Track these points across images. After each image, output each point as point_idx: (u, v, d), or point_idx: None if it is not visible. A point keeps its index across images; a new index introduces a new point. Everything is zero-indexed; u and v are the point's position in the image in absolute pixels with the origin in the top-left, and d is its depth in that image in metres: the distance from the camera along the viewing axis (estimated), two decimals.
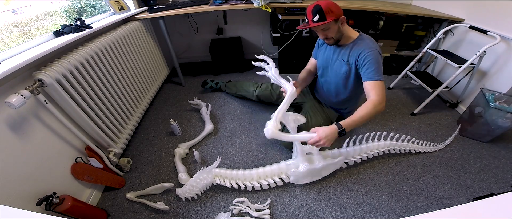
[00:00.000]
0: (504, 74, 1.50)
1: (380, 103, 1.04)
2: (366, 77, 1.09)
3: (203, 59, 2.62)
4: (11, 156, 0.83)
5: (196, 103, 1.78)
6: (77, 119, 1.08)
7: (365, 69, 1.09)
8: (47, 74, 0.90)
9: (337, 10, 1.07)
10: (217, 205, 1.17)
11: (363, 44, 1.12)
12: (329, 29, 1.10)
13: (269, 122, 1.05)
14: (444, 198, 1.18)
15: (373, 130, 1.41)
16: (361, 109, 1.04)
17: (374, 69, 1.07)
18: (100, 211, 1.12)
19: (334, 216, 1.10)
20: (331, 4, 1.06)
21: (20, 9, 1.27)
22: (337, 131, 1.01)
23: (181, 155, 1.40)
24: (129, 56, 1.52)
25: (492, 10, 1.57)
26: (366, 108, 1.04)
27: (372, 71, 1.07)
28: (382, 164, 1.35)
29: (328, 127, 1.01)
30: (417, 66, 2.21)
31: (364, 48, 1.10)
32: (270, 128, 1.02)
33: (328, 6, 1.05)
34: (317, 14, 1.06)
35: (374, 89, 1.06)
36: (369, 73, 1.08)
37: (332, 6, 1.06)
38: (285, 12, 1.92)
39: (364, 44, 1.12)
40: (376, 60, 1.07)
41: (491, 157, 1.40)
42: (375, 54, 1.07)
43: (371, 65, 1.07)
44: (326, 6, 1.04)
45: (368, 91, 1.08)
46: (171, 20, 2.24)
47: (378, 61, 1.08)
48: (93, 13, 1.68)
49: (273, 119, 1.06)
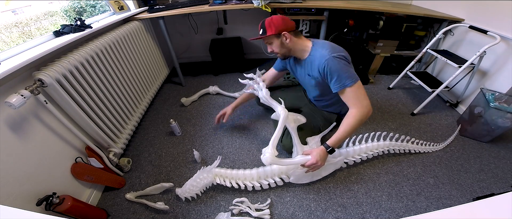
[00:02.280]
0: (504, 74, 1.50)
1: (361, 113, 1.01)
2: (333, 88, 1.06)
3: (203, 59, 2.62)
4: (11, 156, 0.83)
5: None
6: (77, 119, 1.08)
7: (330, 81, 1.06)
8: (47, 74, 0.90)
9: (280, 24, 1.07)
10: (217, 205, 1.16)
11: (317, 55, 1.08)
12: (272, 44, 1.13)
13: (266, 150, 1.03)
14: (444, 198, 1.17)
15: (373, 130, 1.41)
16: (343, 123, 1.05)
17: (336, 78, 1.02)
18: (100, 211, 1.12)
19: (334, 216, 1.10)
20: (276, 19, 1.08)
21: (20, 9, 1.27)
22: (326, 151, 1.05)
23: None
24: (129, 56, 1.52)
25: (492, 10, 1.57)
26: (347, 122, 1.03)
27: (335, 80, 1.03)
28: (382, 164, 1.35)
29: (319, 149, 1.05)
30: (417, 66, 2.21)
31: (319, 61, 1.05)
32: (268, 156, 1.01)
33: (271, 21, 1.08)
34: (261, 28, 1.12)
35: (348, 99, 1.04)
36: (334, 84, 1.05)
37: (276, 21, 1.08)
38: (285, 12, 1.92)
39: (317, 56, 1.07)
40: (334, 68, 1.00)
41: (491, 157, 1.40)
42: (330, 62, 1.01)
43: (333, 75, 1.02)
44: (269, 20, 1.09)
45: (345, 102, 1.06)
46: (171, 20, 2.24)
47: (337, 67, 1.00)
48: (93, 13, 1.68)
49: (270, 146, 1.04)
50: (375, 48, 2.12)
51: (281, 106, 1.09)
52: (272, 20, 1.08)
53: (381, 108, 1.83)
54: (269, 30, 1.08)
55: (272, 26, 1.08)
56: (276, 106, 1.11)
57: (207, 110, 1.86)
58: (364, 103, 1.02)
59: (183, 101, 1.88)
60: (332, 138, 1.06)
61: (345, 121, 1.04)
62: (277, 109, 1.10)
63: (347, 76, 1.00)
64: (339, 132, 1.05)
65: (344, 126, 1.04)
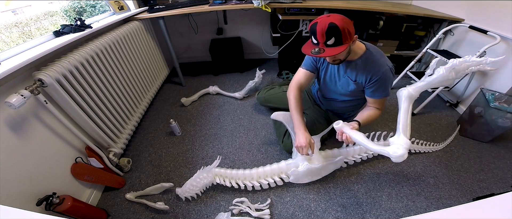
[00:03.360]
0: (504, 74, 1.50)
1: (380, 114, 1.13)
2: (373, 94, 1.07)
3: (203, 59, 2.62)
4: (11, 156, 0.83)
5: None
6: (77, 119, 1.08)
7: (374, 88, 1.04)
8: (47, 74, 0.90)
9: (353, 29, 0.88)
10: (217, 205, 1.16)
11: (374, 62, 1.00)
12: (342, 52, 0.89)
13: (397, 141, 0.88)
14: (444, 198, 1.18)
15: (373, 130, 1.41)
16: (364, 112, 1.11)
17: (383, 88, 1.03)
18: (100, 211, 1.12)
19: (334, 216, 1.10)
20: (347, 22, 0.85)
21: (20, 9, 1.27)
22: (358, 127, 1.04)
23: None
24: (129, 56, 1.52)
25: (492, 10, 1.57)
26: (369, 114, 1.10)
27: (382, 91, 1.04)
28: (382, 164, 1.35)
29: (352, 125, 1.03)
30: (417, 66, 2.21)
31: (376, 69, 0.99)
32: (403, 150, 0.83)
33: (345, 26, 0.83)
34: (332, 36, 0.84)
35: (377, 104, 1.10)
36: (377, 92, 1.06)
37: (349, 26, 0.86)
38: (285, 12, 1.92)
39: (374, 63, 0.99)
40: (388, 79, 1.01)
41: (491, 157, 1.40)
42: (387, 73, 0.99)
43: (382, 85, 1.02)
44: (343, 25, 0.83)
45: (371, 103, 1.12)
46: (171, 20, 2.24)
47: (389, 79, 1.02)
48: (93, 13, 1.68)
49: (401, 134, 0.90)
50: None
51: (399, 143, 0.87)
52: (346, 27, 0.84)
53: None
54: (347, 40, 0.85)
55: (346, 33, 0.84)
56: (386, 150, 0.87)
57: (207, 110, 1.86)
58: (383, 108, 1.13)
59: (183, 101, 1.88)
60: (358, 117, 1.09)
61: (366, 112, 1.11)
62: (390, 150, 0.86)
63: (390, 88, 1.07)
64: (363, 115, 1.09)
65: (366, 114, 1.10)
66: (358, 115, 1.12)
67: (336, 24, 0.83)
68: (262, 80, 2.16)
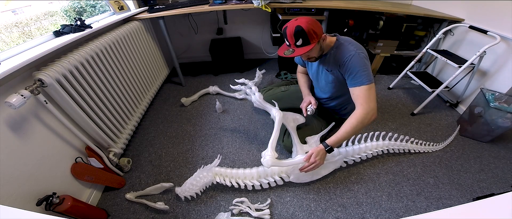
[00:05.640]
0: (504, 74, 1.50)
1: (367, 114, 0.99)
2: (350, 84, 1.05)
3: (203, 59, 2.62)
4: (11, 156, 0.83)
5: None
6: (77, 119, 1.08)
7: (348, 76, 1.04)
8: (47, 74, 0.90)
9: (319, 29, 0.97)
10: (217, 205, 1.16)
11: (342, 50, 1.05)
12: (312, 51, 1.01)
13: (266, 153, 1.03)
14: (444, 198, 1.18)
15: (372, 130, 1.41)
16: (345, 123, 1.03)
17: (355, 74, 1.01)
18: (100, 211, 1.12)
19: (334, 216, 1.10)
20: (312, 24, 0.95)
21: (20, 9, 1.27)
22: (325, 150, 1.04)
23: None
24: (129, 56, 1.52)
25: (492, 10, 1.57)
26: (350, 123, 1.01)
27: (354, 77, 1.01)
28: (382, 164, 1.35)
29: (318, 148, 1.05)
30: (417, 66, 2.21)
31: (343, 55, 1.03)
32: (268, 159, 1.00)
33: (310, 27, 0.93)
34: (299, 38, 0.95)
35: (359, 97, 1.02)
36: (352, 80, 1.03)
37: (314, 26, 0.95)
38: (285, 12, 1.92)
39: (342, 51, 1.05)
40: (358, 64, 1.00)
41: (491, 157, 1.40)
42: (355, 58, 1.00)
43: (354, 71, 1.01)
44: (308, 27, 0.93)
45: (355, 100, 1.04)
46: (171, 20, 2.24)
47: (360, 64, 1.00)
48: (93, 13, 1.68)
49: (269, 148, 1.03)
50: (375, 48, 2.12)
51: (276, 109, 1.08)
52: (311, 28, 0.94)
53: (381, 108, 1.83)
54: (313, 39, 0.95)
55: (312, 33, 0.94)
56: (271, 109, 1.10)
57: (207, 110, 1.86)
58: (371, 105, 1.00)
59: (183, 101, 1.88)
60: (332, 137, 1.05)
61: (348, 121, 1.03)
62: (272, 112, 1.09)
63: (366, 75, 1.00)
64: (340, 132, 1.04)
65: (346, 126, 1.03)
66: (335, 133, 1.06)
67: (302, 27, 0.94)
68: (262, 80, 2.16)
